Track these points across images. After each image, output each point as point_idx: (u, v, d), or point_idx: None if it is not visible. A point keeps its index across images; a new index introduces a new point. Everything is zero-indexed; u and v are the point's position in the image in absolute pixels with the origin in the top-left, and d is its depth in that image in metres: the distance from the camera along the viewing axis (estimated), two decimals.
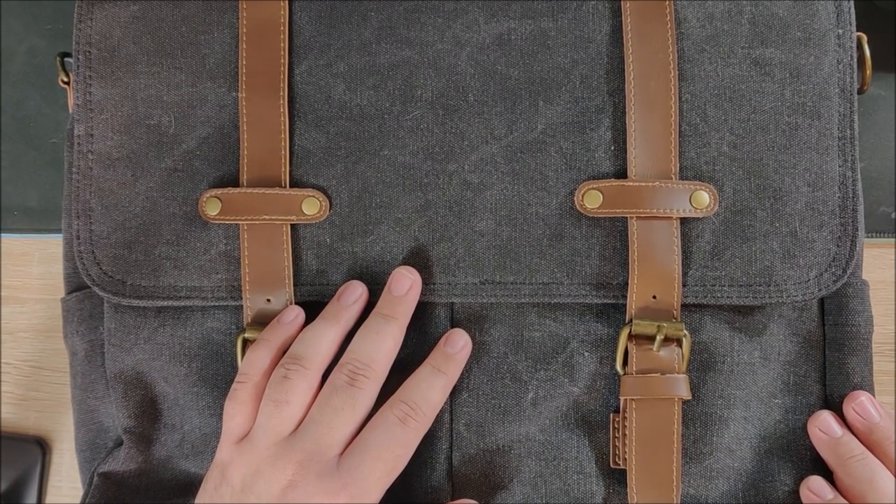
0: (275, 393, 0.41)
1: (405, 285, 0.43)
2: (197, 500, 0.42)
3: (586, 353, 0.45)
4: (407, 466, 0.45)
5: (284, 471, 0.40)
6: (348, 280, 0.45)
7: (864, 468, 0.43)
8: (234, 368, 0.45)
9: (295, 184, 0.45)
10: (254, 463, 0.40)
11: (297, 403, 0.41)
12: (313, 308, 0.45)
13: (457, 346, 0.44)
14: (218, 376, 0.46)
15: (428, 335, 0.45)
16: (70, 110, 0.47)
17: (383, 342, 0.42)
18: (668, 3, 0.44)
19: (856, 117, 0.44)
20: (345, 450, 0.41)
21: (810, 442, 0.45)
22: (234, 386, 0.42)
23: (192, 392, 0.46)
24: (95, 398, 0.47)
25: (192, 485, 0.47)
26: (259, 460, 0.40)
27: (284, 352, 0.43)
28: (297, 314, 0.44)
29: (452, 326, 0.46)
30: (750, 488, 0.45)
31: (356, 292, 0.44)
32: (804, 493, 0.44)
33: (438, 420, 0.45)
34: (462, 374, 0.45)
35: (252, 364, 0.42)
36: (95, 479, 0.47)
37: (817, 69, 0.44)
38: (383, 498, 0.43)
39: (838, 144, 0.44)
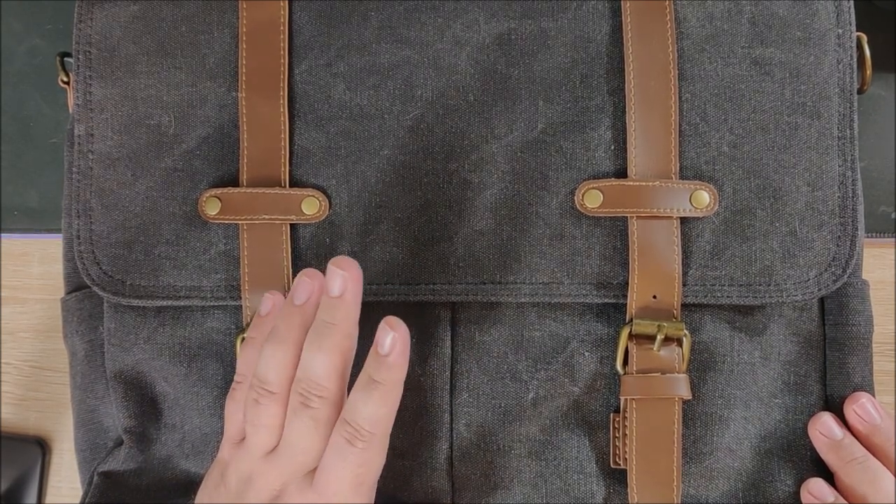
0: (251, 416, 0.40)
1: (338, 285, 0.39)
2: (198, 497, 0.42)
3: (587, 353, 0.45)
4: (407, 467, 0.45)
5: (272, 483, 0.40)
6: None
7: (865, 471, 0.43)
8: (234, 368, 0.45)
9: (295, 183, 0.45)
10: (247, 470, 0.40)
11: (273, 425, 0.40)
12: None
13: (384, 346, 0.39)
14: (218, 376, 0.46)
15: (428, 335, 0.45)
16: (70, 110, 0.47)
17: (329, 357, 0.39)
18: (668, 2, 0.44)
19: (855, 117, 0.44)
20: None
21: (811, 442, 0.45)
22: (232, 386, 0.42)
23: (191, 392, 0.46)
24: (95, 398, 0.47)
25: (192, 484, 0.47)
26: (251, 469, 0.40)
27: None
28: (272, 304, 0.42)
29: (452, 326, 0.46)
30: (750, 488, 0.45)
31: (306, 290, 0.40)
32: (804, 495, 0.44)
33: (438, 420, 0.45)
34: (462, 374, 0.45)
35: (245, 364, 0.42)
36: (95, 478, 0.47)
37: (817, 69, 0.44)
38: (383, 499, 0.43)
39: (838, 144, 0.44)
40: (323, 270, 0.45)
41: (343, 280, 0.39)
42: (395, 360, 0.39)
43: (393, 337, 0.39)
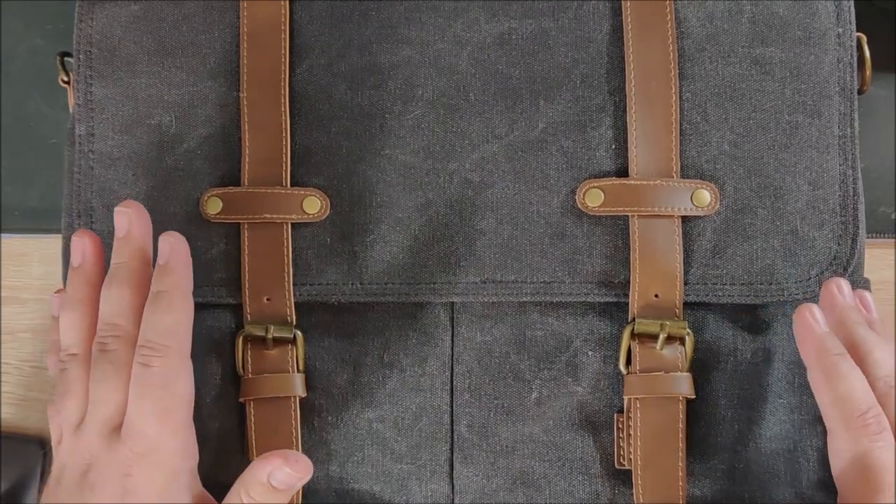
0: (58, 386, 0.40)
1: (123, 224, 0.41)
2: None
3: (590, 352, 0.45)
4: (405, 470, 0.45)
5: (81, 457, 0.38)
6: (347, 279, 0.45)
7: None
8: (234, 367, 0.45)
9: (296, 183, 0.45)
10: (61, 457, 0.39)
11: (78, 390, 0.39)
12: (313, 308, 0.45)
13: (163, 254, 0.40)
14: (216, 375, 0.45)
15: (428, 335, 0.45)
16: (70, 110, 0.47)
17: (119, 292, 0.40)
18: (668, 2, 0.45)
19: (856, 115, 0.44)
20: None
21: (816, 442, 0.45)
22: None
23: None
24: None
25: None
26: (64, 454, 0.39)
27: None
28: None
29: (453, 326, 0.45)
30: (756, 489, 0.45)
31: (77, 249, 0.42)
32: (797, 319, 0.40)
33: (438, 422, 0.45)
34: (464, 374, 0.45)
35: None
36: None
37: (817, 68, 0.44)
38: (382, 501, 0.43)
39: (839, 143, 0.44)
40: (322, 269, 0.45)
41: (126, 217, 0.41)
42: (174, 264, 0.40)
43: (170, 243, 0.40)
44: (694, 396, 0.44)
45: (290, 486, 0.38)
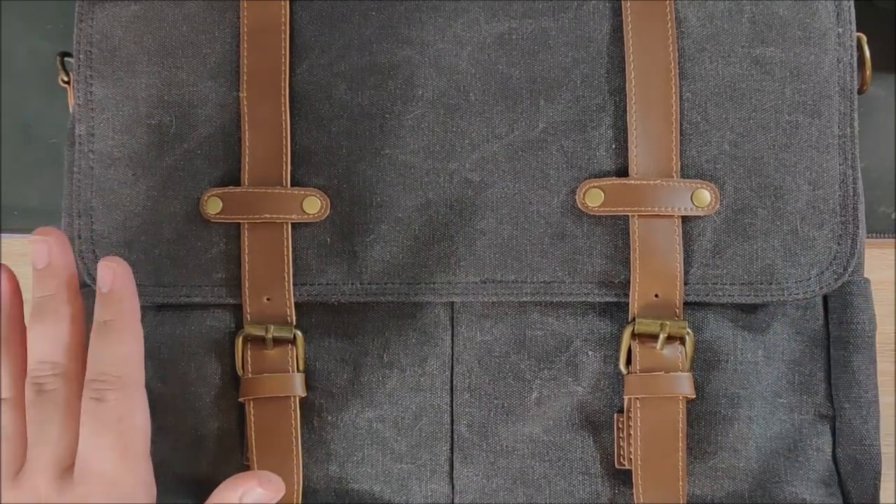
0: None
1: (42, 254, 0.38)
2: None
3: (590, 352, 0.45)
4: (405, 470, 0.45)
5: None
6: (347, 279, 0.45)
7: None
8: (233, 367, 0.45)
9: (296, 183, 0.45)
10: None
11: (13, 434, 0.37)
12: (313, 308, 0.45)
13: (106, 281, 0.38)
14: (216, 375, 0.45)
15: (428, 335, 0.45)
16: (70, 110, 0.47)
17: (52, 328, 0.37)
18: (668, 2, 0.45)
19: (856, 115, 0.44)
20: None
21: (817, 441, 0.45)
22: None
23: (189, 391, 0.45)
24: None
25: (181, 486, 0.46)
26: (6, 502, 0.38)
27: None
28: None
29: (453, 326, 0.45)
30: (756, 489, 0.45)
31: None
32: None
33: (438, 421, 0.45)
34: (464, 374, 0.45)
35: None
36: None
37: (817, 68, 0.44)
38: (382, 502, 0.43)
39: (839, 143, 0.44)
40: (322, 269, 0.45)
41: (46, 246, 0.38)
42: (119, 291, 0.38)
43: (112, 269, 0.38)
44: (694, 396, 0.44)
45: None
